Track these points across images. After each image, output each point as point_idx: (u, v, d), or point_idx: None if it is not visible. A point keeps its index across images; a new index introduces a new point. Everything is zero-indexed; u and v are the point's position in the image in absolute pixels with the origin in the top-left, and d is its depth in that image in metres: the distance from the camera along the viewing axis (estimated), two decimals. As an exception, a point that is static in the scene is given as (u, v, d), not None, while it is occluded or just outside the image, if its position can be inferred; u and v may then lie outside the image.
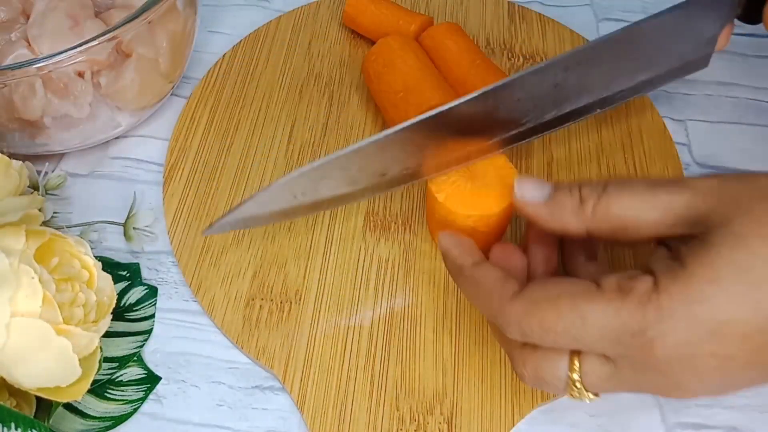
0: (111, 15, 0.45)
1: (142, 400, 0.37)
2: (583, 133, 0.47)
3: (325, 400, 0.36)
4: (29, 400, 0.32)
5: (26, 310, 0.29)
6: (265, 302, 0.39)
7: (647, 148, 0.46)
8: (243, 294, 0.39)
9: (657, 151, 0.46)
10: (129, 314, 0.39)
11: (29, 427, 0.29)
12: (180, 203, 0.43)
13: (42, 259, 0.31)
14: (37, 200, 0.36)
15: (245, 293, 0.39)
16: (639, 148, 0.46)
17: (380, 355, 0.38)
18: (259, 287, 0.40)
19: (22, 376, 0.30)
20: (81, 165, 0.46)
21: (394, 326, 0.39)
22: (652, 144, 0.46)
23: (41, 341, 0.30)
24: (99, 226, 0.42)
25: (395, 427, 0.35)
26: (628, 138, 0.46)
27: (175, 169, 0.45)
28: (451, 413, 0.36)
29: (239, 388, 0.37)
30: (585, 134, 0.47)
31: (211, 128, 0.47)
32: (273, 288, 0.40)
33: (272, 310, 0.39)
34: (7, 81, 0.39)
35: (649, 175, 0.45)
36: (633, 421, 0.36)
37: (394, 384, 0.37)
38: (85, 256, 0.33)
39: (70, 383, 0.31)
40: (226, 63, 0.50)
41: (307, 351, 0.38)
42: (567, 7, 0.56)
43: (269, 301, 0.39)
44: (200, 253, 0.41)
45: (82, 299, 0.32)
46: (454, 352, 0.38)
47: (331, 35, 0.52)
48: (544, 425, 0.36)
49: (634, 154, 0.46)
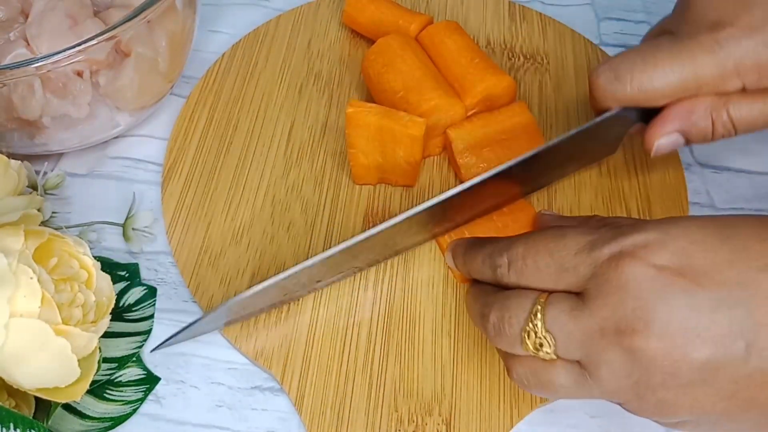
0: (110, 14, 0.45)
1: (141, 400, 0.37)
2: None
3: (324, 400, 0.36)
4: (28, 401, 0.32)
5: (25, 311, 0.29)
6: (264, 303, 0.39)
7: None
8: (242, 294, 0.39)
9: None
10: (128, 314, 0.39)
11: (28, 427, 0.29)
12: (179, 203, 0.43)
13: (41, 259, 0.31)
14: (36, 200, 0.36)
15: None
16: (639, 147, 0.46)
17: (379, 356, 0.38)
18: (257, 288, 0.40)
19: (21, 376, 0.30)
20: (80, 165, 0.46)
21: (392, 327, 0.39)
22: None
23: (40, 341, 0.30)
24: (98, 226, 0.42)
25: (393, 428, 0.35)
26: (629, 138, 0.46)
27: (173, 169, 0.45)
28: (450, 414, 0.36)
29: (238, 389, 0.37)
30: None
31: (210, 128, 0.47)
32: (272, 288, 0.40)
33: (270, 311, 0.39)
34: (5, 81, 0.38)
35: (650, 176, 0.45)
36: (633, 421, 0.36)
37: (393, 385, 0.37)
38: (84, 257, 0.33)
39: (69, 384, 0.31)
40: (226, 62, 0.50)
41: (305, 352, 0.38)
42: (568, 6, 0.56)
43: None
44: (199, 253, 0.41)
45: (81, 299, 0.32)
46: (453, 353, 0.38)
47: (330, 34, 0.52)
48: (544, 426, 0.36)
49: (635, 154, 0.46)
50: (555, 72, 0.50)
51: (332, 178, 0.44)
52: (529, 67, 0.50)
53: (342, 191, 0.44)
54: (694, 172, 0.46)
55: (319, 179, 0.44)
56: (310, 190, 0.44)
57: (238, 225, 0.42)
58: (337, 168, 0.45)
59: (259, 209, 0.43)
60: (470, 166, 0.42)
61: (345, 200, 0.43)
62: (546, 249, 0.30)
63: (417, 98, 0.42)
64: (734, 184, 0.46)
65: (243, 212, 0.43)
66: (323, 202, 0.43)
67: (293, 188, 0.44)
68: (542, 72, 0.50)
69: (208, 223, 0.42)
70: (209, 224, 0.42)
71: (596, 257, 0.28)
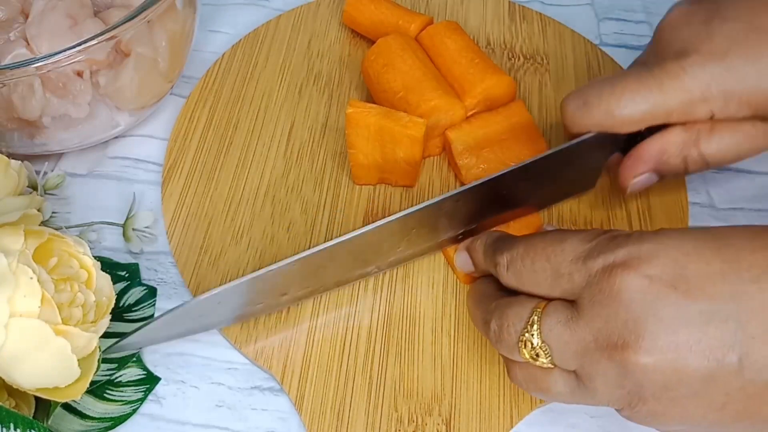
0: (110, 14, 0.45)
1: (141, 400, 0.37)
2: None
3: (324, 400, 0.36)
4: (28, 401, 0.32)
5: (25, 311, 0.29)
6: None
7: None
8: (242, 294, 0.39)
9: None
10: (128, 315, 0.39)
11: (28, 427, 0.30)
12: (179, 203, 0.43)
13: (41, 259, 0.31)
14: (36, 200, 0.36)
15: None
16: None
17: (379, 356, 0.38)
18: (258, 288, 0.40)
19: (21, 376, 0.30)
20: (80, 165, 0.46)
21: (392, 327, 0.39)
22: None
23: (40, 341, 0.30)
24: (98, 226, 0.42)
25: (393, 428, 0.35)
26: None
27: (174, 168, 0.45)
28: (450, 414, 0.36)
29: (238, 389, 0.37)
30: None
31: (210, 128, 0.47)
32: (272, 288, 0.40)
33: (271, 314, 0.39)
34: (5, 81, 0.39)
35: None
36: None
37: (393, 385, 0.37)
38: (83, 256, 0.33)
39: (69, 383, 0.31)
40: (226, 62, 0.50)
41: (305, 352, 0.38)
42: (568, 6, 0.56)
43: (268, 302, 0.39)
44: (199, 253, 0.41)
45: (81, 299, 0.32)
46: (453, 353, 0.38)
47: (330, 34, 0.52)
48: (544, 426, 0.36)
49: None
50: (555, 72, 0.50)
51: (332, 178, 0.44)
52: (529, 67, 0.50)
53: (342, 191, 0.44)
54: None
55: (319, 179, 0.44)
56: (310, 190, 0.44)
57: (238, 225, 0.42)
58: (337, 168, 0.45)
59: (259, 209, 0.43)
60: (470, 167, 0.42)
61: (345, 200, 0.43)
62: (544, 252, 0.30)
63: (417, 98, 0.42)
64: (734, 184, 0.45)
65: (243, 212, 0.43)
66: (323, 202, 0.43)
67: (293, 188, 0.44)
68: (542, 72, 0.50)
69: (209, 222, 0.42)
70: (209, 224, 0.42)
71: (591, 266, 0.28)
